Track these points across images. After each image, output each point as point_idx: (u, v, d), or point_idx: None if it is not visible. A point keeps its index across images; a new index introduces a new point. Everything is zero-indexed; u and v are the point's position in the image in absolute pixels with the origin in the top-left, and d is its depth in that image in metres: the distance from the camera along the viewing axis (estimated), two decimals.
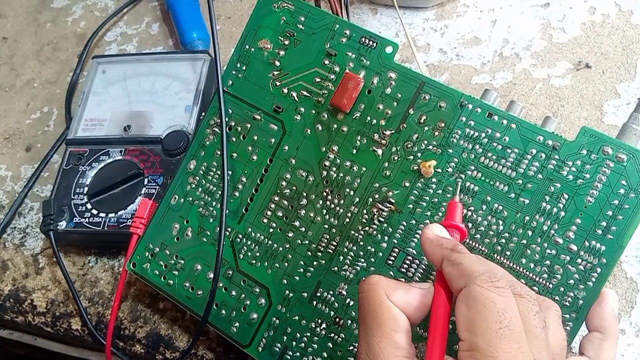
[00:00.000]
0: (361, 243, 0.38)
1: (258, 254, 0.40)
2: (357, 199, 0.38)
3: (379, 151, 0.38)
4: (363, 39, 0.39)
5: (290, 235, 0.40)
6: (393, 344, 0.28)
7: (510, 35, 0.50)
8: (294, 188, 0.40)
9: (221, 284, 0.41)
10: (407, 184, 0.37)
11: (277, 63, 0.41)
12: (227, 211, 0.41)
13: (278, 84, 0.41)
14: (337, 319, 0.38)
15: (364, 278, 0.31)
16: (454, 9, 0.53)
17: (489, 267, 0.28)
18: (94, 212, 0.47)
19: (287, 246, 0.40)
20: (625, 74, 0.46)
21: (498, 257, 0.35)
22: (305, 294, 0.39)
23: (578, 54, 0.48)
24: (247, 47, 0.42)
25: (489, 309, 0.26)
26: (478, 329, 0.26)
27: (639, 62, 0.46)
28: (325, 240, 0.39)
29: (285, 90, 0.41)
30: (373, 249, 0.37)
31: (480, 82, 0.49)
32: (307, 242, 0.39)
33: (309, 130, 0.40)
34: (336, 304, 0.38)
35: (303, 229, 0.39)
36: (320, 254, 0.39)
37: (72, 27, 0.65)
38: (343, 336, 0.38)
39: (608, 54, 0.47)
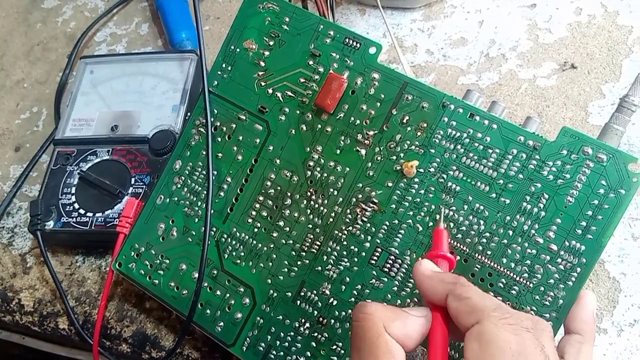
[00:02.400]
0: (344, 243, 0.38)
1: (243, 254, 0.40)
2: (341, 199, 0.38)
3: (363, 151, 0.38)
4: (347, 40, 0.39)
5: (274, 235, 0.40)
6: None
7: (496, 36, 0.50)
8: (279, 188, 0.40)
9: (206, 284, 0.41)
10: (390, 184, 0.37)
11: (262, 63, 0.41)
12: (212, 211, 0.41)
13: (263, 84, 0.41)
14: (321, 319, 0.38)
15: (358, 304, 0.30)
16: (442, 10, 0.53)
17: (497, 301, 0.28)
18: (81, 211, 0.47)
19: (272, 246, 0.40)
20: (611, 75, 0.46)
21: (479, 257, 0.35)
22: (289, 294, 0.39)
23: (564, 55, 0.48)
24: (233, 47, 0.42)
25: (504, 352, 0.26)
26: None
27: (624, 62, 0.46)
28: (309, 240, 0.39)
29: (270, 91, 0.41)
30: (356, 249, 0.38)
31: (467, 83, 0.49)
32: (291, 241, 0.39)
33: (293, 131, 0.40)
34: (320, 304, 0.38)
35: (287, 228, 0.39)
36: (304, 253, 0.39)
37: (62, 28, 0.65)
38: (326, 335, 0.38)
39: (594, 55, 0.47)
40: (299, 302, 0.39)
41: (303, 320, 0.38)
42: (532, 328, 0.27)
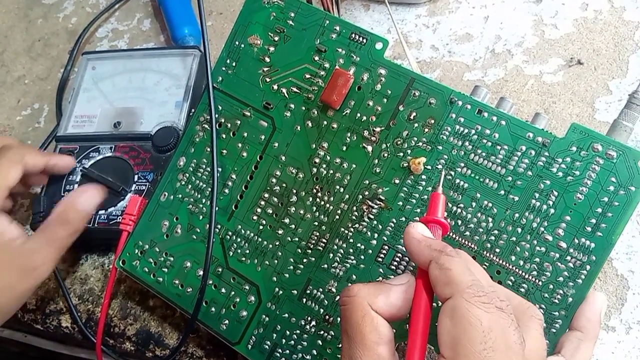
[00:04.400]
0: (351, 240, 0.38)
1: (248, 251, 0.40)
2: (347, 196, 0.38)
3: (369, 148, 0.38)
4: (353, 35, 0.39)
5: (280, 232, 0.39)
6: (376, 356, 0.28)
7: (502, 32, 0.50)
8: (284, 185, 0.40)
9: (211, 282, 0.41)
10: (397, 181, 0.37)
11: (267, 59, 0.41)
12: (216, 208, 0.41)
13: (268, 80, 0.41)
14: (327, 317, 0.38)
15: (344, 289, 0.30)
16: (446, 5, 0.52)
17: (475, 276, 0.28)
18: None
19: (277, 243, 0.39)
20: (617, 71, 0.46)
21: (487, 254, 0.34)
22: (295, 292, 0.39)
23: (570, 51, 0.48)
24: (237, 43, 0.42)
25: (475, 328, 0.26)
26: (462, 349, 0.26)
27: (631, 58, 0.46)
28: (315, 238, 0.39)
29: (275, 87, 0.41)
30: (363, 246, 0.37)
31: (472, 79, 0.48)
32: (296, 239, 0.39)
33: (299, 127, 0.40)
34: (326, 302, 0.38)
35: (293, 226, 0.39)
36: (310, 251, 0.39)
37: (63, 23, 0.65)
38: (332, 333, 0.37)
39: (600, 51, 0.47)
40: (304, 300, 0.38)
41: (309, 318, 0.38)
42: (507, 308, 0.27)
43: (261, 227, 0.40)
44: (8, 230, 0.40)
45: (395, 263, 0.36)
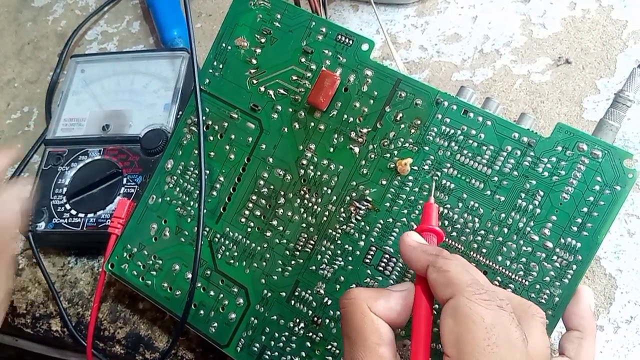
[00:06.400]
0: (339, 242, 0.38)
1: (236, 254, 0.40)
2: (335, 198, 0.38)
3: (356, 149, 0.38)
4: (339, 37, 0.39)
5: (268, 234, 0.39)
6: (378, 358, 0.28)
7: (490, 32, 0.50)
8: (272, 187, 0.40)
9: (199, 284, 0.41)
10: (384, 182, 0.37)
11: (254, 61, 0.41)
12: (204, 211, 0.41)
13: (255, 82, 0.41)
14: (315, 318, 0.38)
15: (344, 293, 0.31)
16: (435, 5, 0.52)
17: (474, 276, 0.28)
18: (73, 212, 0.47)
19: (265, 245, 0.39)
20: (605, 70, 0.46)
21: (474, 255, 0.34)
22: (284, 294, 0.39)
23: (558, 50, 0.48)
24: (224, 45, 0.42)
25: (478, 325, 0.26)
26: (466, 346, 0.26)
27: (619, 57, 0.46)
28: (303, 239, 0.39)
29: (262, 89, 0.40)
30: (350, 248, 0.37)
31: (461, 79, 0.48)
32: (285, 241, 0.39)
33: (286, 129, 0.40)
34: (314, 303, 0.38)
35: (281, 228, 0.39)
36: (298, 253, 0.39)
37: (53, 26, 0.64)
38: (321, 335, 0.37)
39: (588, 50, 0.47)
40: (293, 302, 0.38)
41: (297, 320, 0.38)
42: (507, 306, 0.27)
43: (249, 230, 0.40)
44: None
45: (383, 264, 0.36)
